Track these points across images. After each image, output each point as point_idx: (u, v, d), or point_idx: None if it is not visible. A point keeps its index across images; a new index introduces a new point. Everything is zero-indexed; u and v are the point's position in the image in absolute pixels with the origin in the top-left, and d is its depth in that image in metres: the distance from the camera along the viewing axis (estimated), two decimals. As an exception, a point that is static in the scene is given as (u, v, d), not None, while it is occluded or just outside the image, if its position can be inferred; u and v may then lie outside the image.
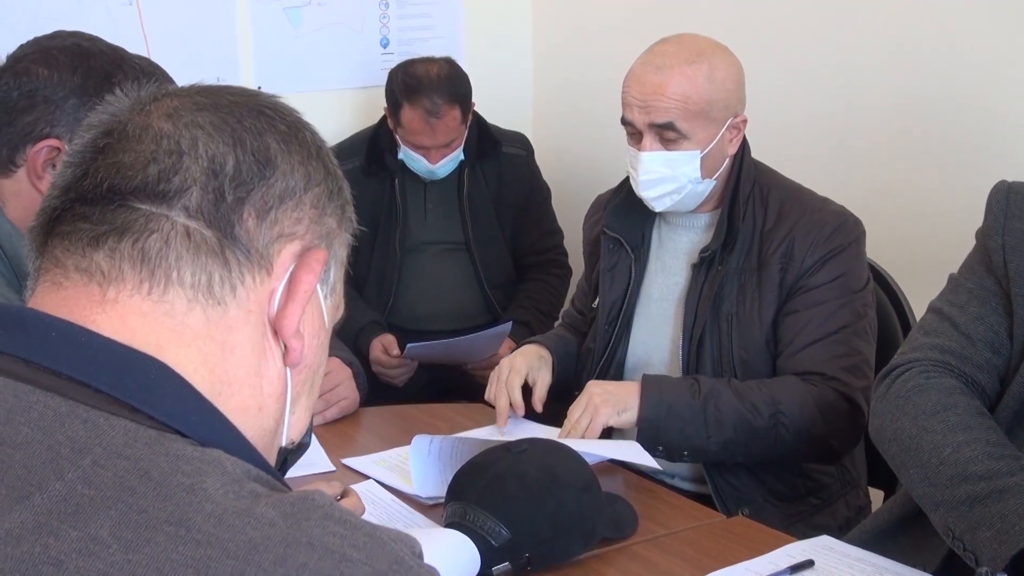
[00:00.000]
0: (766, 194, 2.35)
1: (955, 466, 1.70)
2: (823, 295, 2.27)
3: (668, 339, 2.41)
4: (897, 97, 3.00)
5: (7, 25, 3.21)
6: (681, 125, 2.25)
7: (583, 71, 4.03)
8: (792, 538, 1.86)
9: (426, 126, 3.28)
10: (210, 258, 0.90)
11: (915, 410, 1.82)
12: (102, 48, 1.76)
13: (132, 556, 0.76)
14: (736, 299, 2.31)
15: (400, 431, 2.32)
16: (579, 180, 3.87)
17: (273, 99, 0.99)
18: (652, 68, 2.26)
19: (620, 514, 1.90)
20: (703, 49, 2.28)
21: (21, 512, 0.78)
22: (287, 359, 0.95)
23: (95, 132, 0.94)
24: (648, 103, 2.25)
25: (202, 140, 0.92)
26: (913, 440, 1.79)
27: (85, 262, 0.90)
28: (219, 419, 0.90)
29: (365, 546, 0.81)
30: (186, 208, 0.90)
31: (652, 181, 2.30)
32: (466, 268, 3.53)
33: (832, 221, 2.30)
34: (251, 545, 0.77)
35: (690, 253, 2.41)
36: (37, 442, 0.82)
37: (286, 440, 0.99)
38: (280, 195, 0.93)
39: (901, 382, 1.87)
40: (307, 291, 0.94)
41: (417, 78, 3.30)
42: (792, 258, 2.28)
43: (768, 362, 2.31)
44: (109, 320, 0.89)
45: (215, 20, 3.61)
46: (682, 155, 2.27)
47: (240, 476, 0.83)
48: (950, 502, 1.69)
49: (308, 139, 0.99)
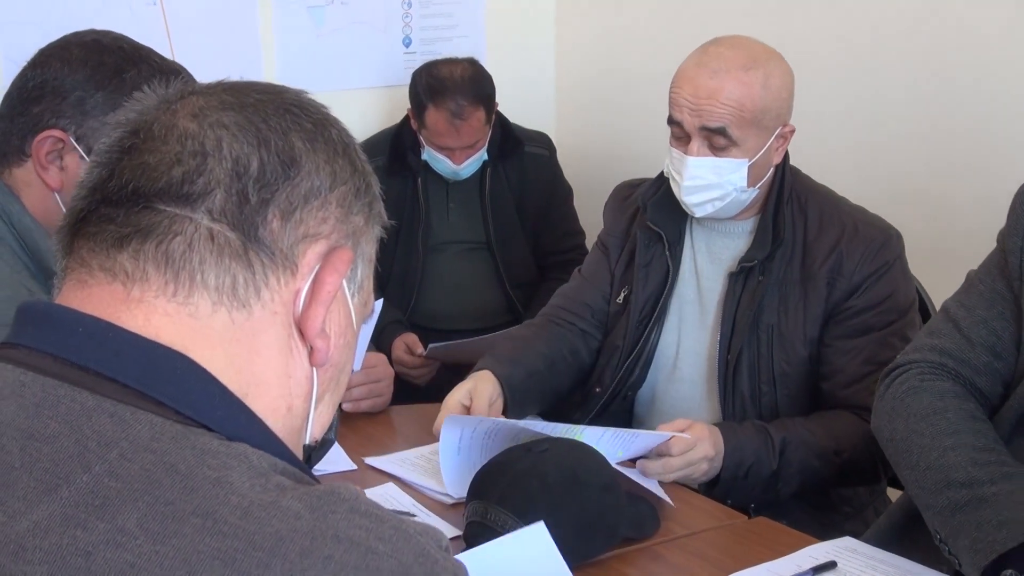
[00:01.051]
0: (804, 202, 2.31)
1: (939, 471, 1.73)
2: (873, 321, 2.25)
3: (702, 344, 2.38)
4: (922, 97, 2.98)
5: (35, 25, 3.23)
6: (733, 132, 2.19)
7: (606, 70, 4.03)
8: (814, 539, 1.86)
9: (451, 128, 3.28)
10: (234, 261, 0.90)
11: (908, 412, 1.84)
12: (122, 46, 1.77)
13: (159, 547, 0.77)
14: (778, 311, 2.28)
15: (422, 430, 2.32)
16: (601, 180, 3.86)
17: (300, 96, 0.99)
18: (708, 72, 2.19)
19: (642, 514, 1.89)
20: (759, 55, 2.23)
21: (49, 504, 0.79)
22: (313, 359, 0.95)
23: (122, 131, 0.94)
24: (701, 107, 2.19)
25: (226, 141, 0.92)
26: (905, 443, 1.82)
27: (109, 262, 0.90)
28: (245, 413, 0.90)
29: (391, 539, 0.81)
30: (210, 211, 0.90)
31: (697, 187, 2.25)
32: (488, 267, 3.54)
33: (879, 236, 2.27)
34: (277, 537, 0.78)
35: (725, 259, 2.37)
36: (65, 436, 0.83)
37: (310, 438, 0.99)
38: (305, 195, 0.93)
39: (898, 383, 1.89)
40: (330, 291, 0.94)
41: (441, 80, 3.29)
42: (841, 274, 2.24)
43: (808, 376, 2.29)
44: (133, 318, 0.89)
45: (238, 19, 3.62)
46: (730, 162, 2.22)
47: (266, 469, 0.84)
48: (935, 507, 1.72)
49: (335, 136, 0.99)
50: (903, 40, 3.00)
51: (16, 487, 0.81)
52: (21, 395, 0.86)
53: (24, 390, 0.86)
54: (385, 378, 2.45)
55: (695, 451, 2.06)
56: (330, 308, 0.95)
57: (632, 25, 3.86)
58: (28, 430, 0.84)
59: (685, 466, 2.05)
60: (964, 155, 2.89)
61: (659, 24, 3.74)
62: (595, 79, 4.09)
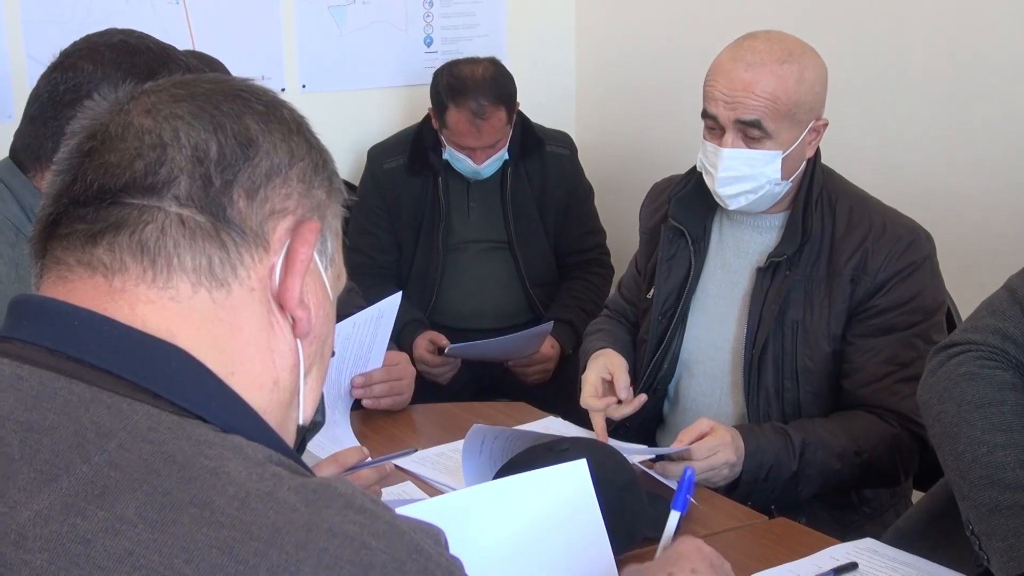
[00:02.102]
0: (834, 201, 2.31)
1: (986, 467, 1.69)
2: (897, 321, 2.24)
3: (726, 339, 2.38)
4: (951, 95, 2.97)
5: (57, 25, 3.25)
6: (768, 124, 2.20)
7: (626, 69, 4.02)
8: (835, 540, 1.85)
9: (472, 128, 3.28)
10: (207, 242, 0.92)
11: (961, 397, 1.78)
12: (149, 46, 1.78)
13: (158, 535, 0.78)
14: (803, 307, 2.27)
15: (442, 429, 2.32)
16: (622, 179, 3.87)
17: (248, 82, 1.01)
18: (743, 65, 2.20)
19: (662, 514, 1.88)
20: (794, 49, 2.23)
21: (50, 494, 0.81)
22: (296, 330, 0.97)
23: (79, 137, 0.96)
24: (736, 99, 2.20)
25: (183, 130, 0.94)
26: (953, 428, 1.76)
27: (86, 257, 0.92)
28: (239, 405, 0.92)
29: (384, 535, 0.83)
30: (176, 197, 0.92)
31: (731, 179, 2.25)
32: (508, 266, 3.53)
33: (906, 236, 2.26)
34: (274, 528, 0.80)
35: (753, 253, 2.37)
36: (63, 427, 0.85)
37: (302, 417, 1.01)
38: (266, 173, 0.95)
39: (954, 364, 1.82)
40: (304, 261, 0.96)
41: (463, 79, 3.29)
42: (865, 272, 2.24)
43: (832, 373, 2.29)
44: (119, 308, 0.91)
45: (260, 18, 3.64)
46: (764, 155, 2.22)
47: (262, 460, 0.86)
48: (975, 500, 1.69)
49: (287, 116, 1.00)
50: (931, 37, 2.99)
51: (17, 478, 0.82)
52: (19, 388, 0.87)
53: (22, 383, 0.88)
54: (406, 376, 2.46)
55: (717, 456, 2.06)
56: (305, 280, 0.97)
57: (652, 23, 3.86)
58: (27, 422, 0.85)
59: (707, 470, 2.05)
60: (993, 154, 2.87)
61: (680, 23, 3.74)
62: (615, 78, 4.08)
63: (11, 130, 1.83)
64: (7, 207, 1.75)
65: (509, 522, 1.55)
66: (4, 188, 1.76)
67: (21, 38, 3.25)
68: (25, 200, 1.75)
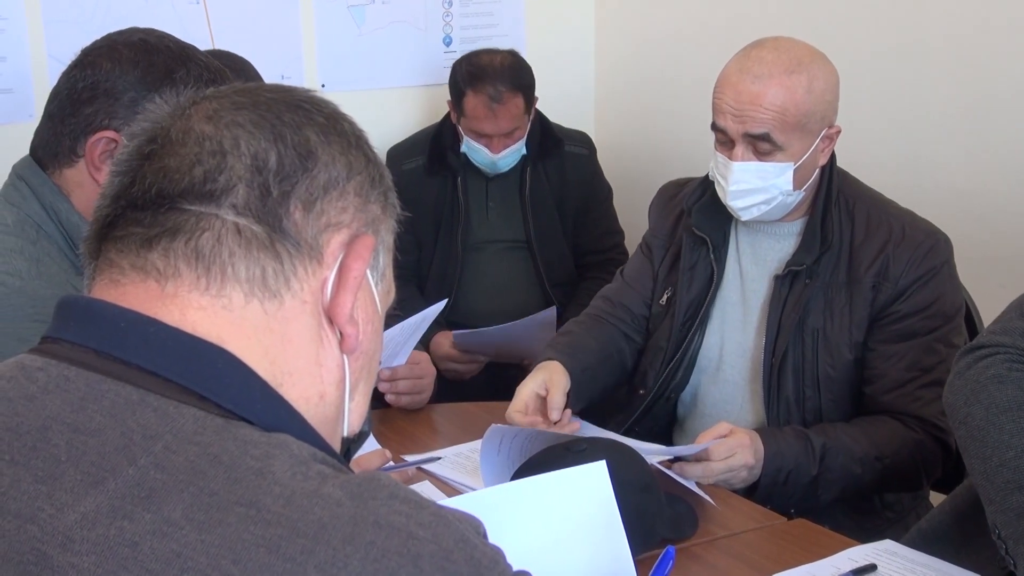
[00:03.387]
0: (852, 205, 2.29)
1: (1015, 472, 1.67)
2: (918, 326, 2.23)
3: (746, 347, 2.37)
4: (970, 99, 2.95)
5: (78, 24, 3.26)
6: (777, 137, 2.17)
7: (646, 70, 4.02)
8: (854, 541, 1.85)
9: (488, 112, 3.29)
10: (262, 252, 0.92)
11: (989, 400, 1.76)
12: (168, 45, 1.78)
13: (205, 536, 0.78)
14: (824, 315, 2.26)
15: (460, 429, 2.32)
16: (641, 180, 3.86)
17: (309, 93, 1.01)
18: (750, 77, 2.17)
19: (680, 515, 1.89)
20: (802, 58, 2.19)
21: (96, 496, 0.81)
22: (343, 346, 0.97)
23: (139, 140, 0.96)
24: (744, 112, 2.17)
25: (243, 138, 0.93)
26: (980, 431, 1.74)
27: (140, 261, 0.92)
28: (284, 406, 0.92)
29: (431, 524, 0.82)
30: (234, 205, 0.92)
31: (742, 192, 2.24)
32: (527, 266, 3.53)
33: (926, 241, 2.24)
34: (320, 524, 0.79)
35: (771, 261, 2.35)
36: (110, 429, 0.85)
37: (348, 430, 1.01)
38: (324, 186, 0.95)
39: (982, 366, 1.80)
40: (357, 277, 0.96)
41: (481, 66, 3.32)
42: (887, 278, 2.23)
43: (853, 381, 2.27)
44: (169, 313, 0.91)
45: (280, 18, 3.64)
46: (775, 167, 2.20)
47: (307, 458, 0.85)
48: (1001, 504, 1.67)
49: (347, 129, 1.00)
50: (950, 41, 2.97)
51: (63, 480, 0.82)
52: (66, 390, 0.88)
53: (69, 384, 0.88)
54: (427, 376, 2.47)
55: (735, 458, 2.05)
56: (357, 295, 0.96)
57: (672, 24, 3.85)
58: (74, 424, 0.85)
59: (725, 471, 2.05)
60: (1013, 155, 2.86)
61: (699, 23, 3.73)
62: (634, 77, 4.08)
63: (32, 129, 1.83)
64: (28, 205, 1.76)
65: (528, 523, 1.56)
66: (25, 186, 1.77)
67: (42, 38, 3.27)
68: (45, 198, 1.75)
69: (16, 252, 1.70)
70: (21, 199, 1.76)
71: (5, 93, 3.24)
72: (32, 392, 0.88)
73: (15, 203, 1.77)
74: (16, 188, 1.78)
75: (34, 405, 0.87)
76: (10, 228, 1.73)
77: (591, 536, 1.61)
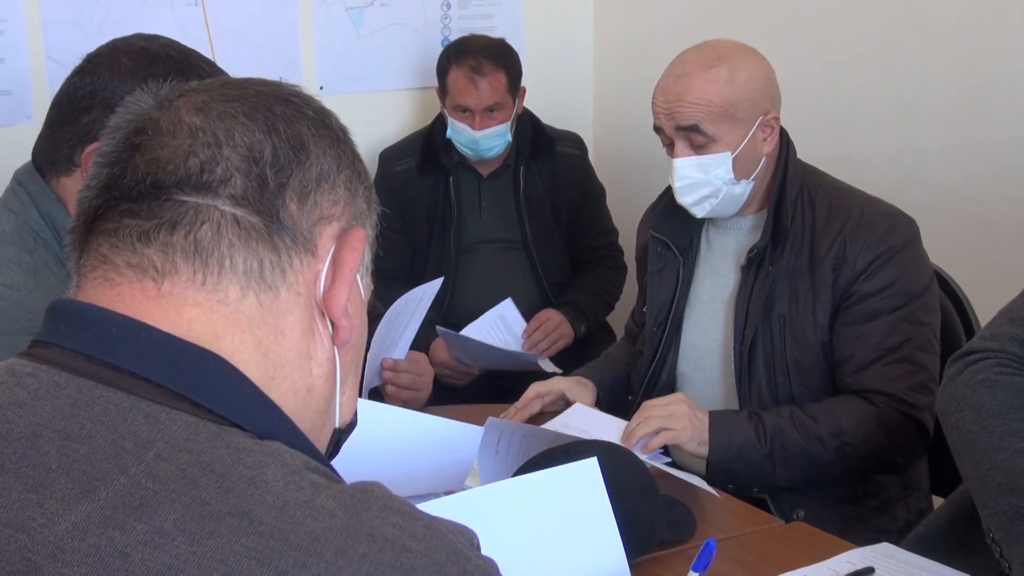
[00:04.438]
0: (814, 195, 2.34)
1: (1005, 474, 1.67)
2: (880, 305, 2.25)
3: (718, 342, 2.41)
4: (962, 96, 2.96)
5: (77, 26, 3.26)
6: (707, 128, 2.27)
7: (644, 72, 3.99)
8: (852, 545, 1.84)
9: (470, 83, 3.32)
10: (260, 244, 0.92)
11: (979, 405, 1.77)
12: (171, 54, 1.77)
13: (196, 548, 0.77)
14: (788, 301, 2.29)
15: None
16: (639, 181, 3.86)
17: (296, 88, 1.01)
18: (674, 76, 2.31)
19: (678, 517, 1.89)
20: (723, 53, 2.30)
21: (87, 505, 0.80)
22: (336, 338, 0.97)
23: (126, 131, 0.95)
24: (672, 109, 2.29)
25: (237, 130, 0.93)
26: (971, 435, 1.76)
27: (136, 258, 0.91)
28: (276, 413, 0.91)
29: (424, 537, 0.82)
30: (232, 196, 0.91)
31: (688, 187, 2.32)
32: (523, 266, 3.54)
33: (883, 221, 2.28)
34: (312, 536, 0.79)
35: (738, 255, 2.40)
36: (101, 436, 0.83)
37: (339, 421, 1.01)
38: (317, 178, 0.95)
39: (972, 372, 1.82)
40: (352, 269, 0.96)
41: (465, 42, 3.42)
42: (845, 260, 2.26)
43: (822, 364, 2.29)
44: (165, 313, 0.90)
45: (278, 20, 3.65)
46: (713, 158, 2.29)
47: (299, 467, 0.85)
48: (994, 508, 1.68)
49: (334, 124, 1.01)
50: (945, 35, 2.98)
51: (54, 488, 0.81)
52: (56, 396, 0.86)
53: (59, 391, 0.87)
54: (426, 374, 2.48)
55: (671, 404, 2.16)
56: (351, 288, 0.97)
57: (670, 26, 3.85)
58: (64, 431, 0.84)
59: (664, 414, 2.14)
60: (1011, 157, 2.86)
61: (698, 23, 3.73)
62: (634, 80, 4.07)
63: (31, 131, 1.83)
64: (27, 212, 1.75)
65: (522, 521, 1.56)
66: (24, 192, 1.77)
67: (41, 39, 3.26)
68: (42, 205, 1.75)
69: (13, 263, 1.70)
70: (20, 206, 1.76)
71: (3, 95, 3.24)
72: (22, 398, 0.87)
73: (14, 210, 1.76)
74: (16, 195, 1.78)
75: (24, 411, 0.86)
76: (8, 236, 1.73)
77: (584, 534, 1.62)
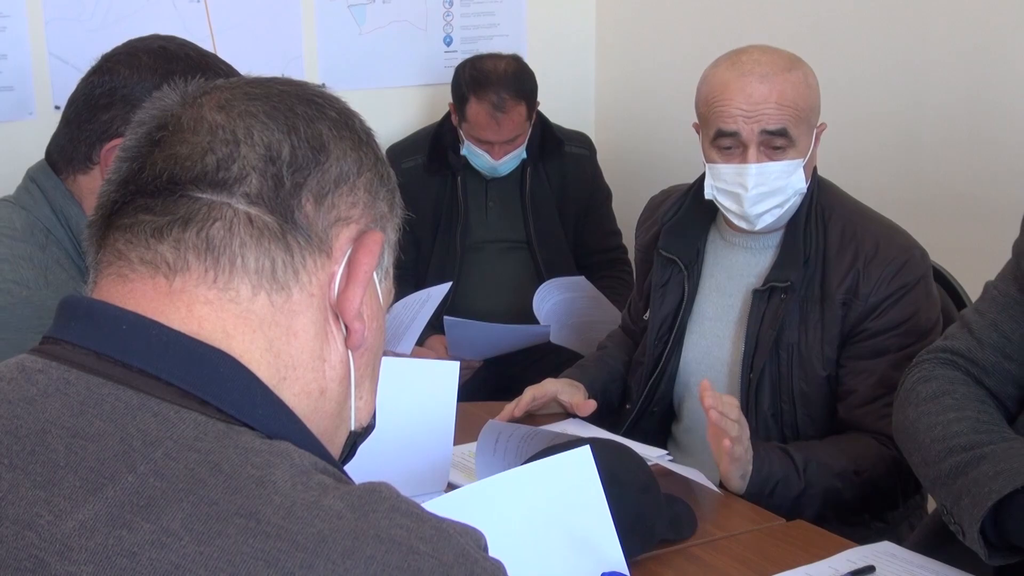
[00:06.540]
0: (827, 216, 2.28)
1: (943, 441, 1.75)
2: (888, 343, 2.21)
3: (723, 362, 2.36)
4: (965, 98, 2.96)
5: (79, 22, 3.26)
6: (792, 132, 2.19)
7: (646, 71, 4.02)
8: (852, 543, 1.85)
9: (492, 121, 3.30)
10: (273, 243, 0.91)
11: (916, 398, 1.87)
12: (188, 53, 1.78)
13: (204, 548, 0.78)
14: (798, 330, 2.25)
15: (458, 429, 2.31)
16: (640, 181, 3.86)
17: (321, 89, 1.01)
18: (756, 77, 2.18)
19: (679, 516, 1.89)
20: (792, 57, 2.24)
21: (95, 504, 0.80)
22: (349, 341, 0.97)
23: (148, 127, 0.95)
24: (759, 111, 2.17)
25: (257, 128, 0.93)
26: (913, 424, 1.84)
27: (150, 254, 0.91)
28: (286, 413, 0.91)
29: (432, 538, 0.82)
30: (247, 195, 0.91)
31: (762, 195, 2.22)
32: (527, 266, 3.54)
33: (898, 257, 2.22)
34: (320, 537, 0.79)
35: (747, 275, 2.35)
36: (109, 434, 0.84)
37: (355, 424, 1.01)
38: (335, 180, 0.95)
39: (909, 378, 1.92)
40: (367, 272, 0.96)
41: (485, 73, 3.31)
42: (857, 296, 2.21)
43: (827, 396, 2.26)
44: (176, 310, 0.90)
45: (281, 16, 3.64)
46: (789, 164, 2.21)
47: (308, 467, 0.85)
48: (940, 477, 1.73)
49: (357, 126, 1.00)
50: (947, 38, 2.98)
51: (62, 486, 0.81)
52: (66, 393, 0.87)
53: (69, 388, 0.87)
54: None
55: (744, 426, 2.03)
56: (366, 291, 0.96)
57: (673, 24, 3.85)
58: (73, 428, 0.84)
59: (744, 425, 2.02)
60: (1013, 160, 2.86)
61: (700, 25, 3.73)
62: (635, 78, 4.08)
63: (34, 127, 1.84)
64: (39, 208, 1.76)
65: (517, 512, 1.57)
66: (37, 189, 1.77)
67: (43, 36, 3.26)
68: (56, 202, 1.76)
69: (25, 259, 1.70)
70: (32, 202, 1.77)
71: (5, 91, 3.24)
72: (32, 395, 0.87)
73: (26, 206, 1.77)
74: (28, 191, 1.79)
75: (34, 408, 0.86)
76: (19, 233, 1.73)
77: (579, 522, 1.62)
